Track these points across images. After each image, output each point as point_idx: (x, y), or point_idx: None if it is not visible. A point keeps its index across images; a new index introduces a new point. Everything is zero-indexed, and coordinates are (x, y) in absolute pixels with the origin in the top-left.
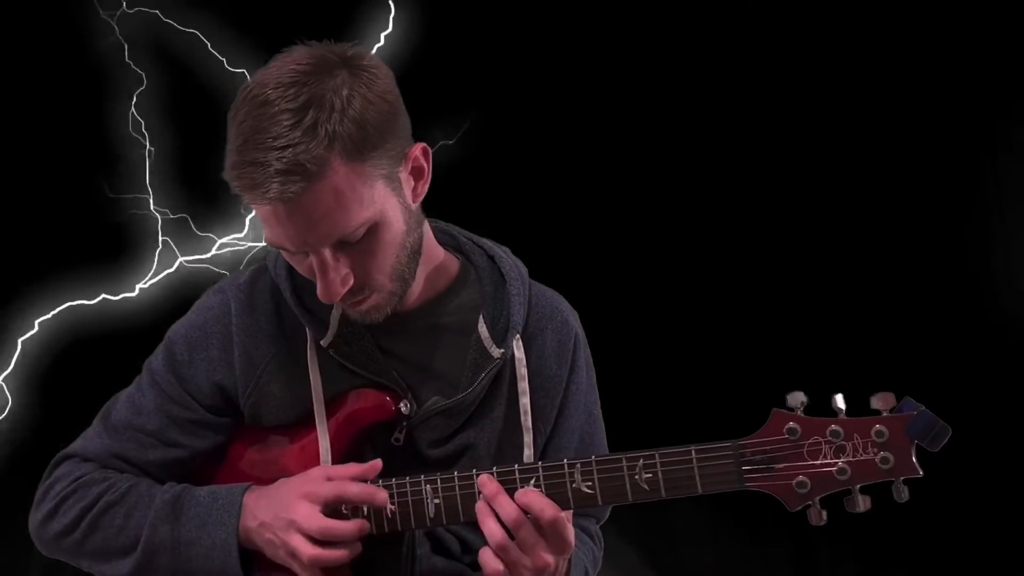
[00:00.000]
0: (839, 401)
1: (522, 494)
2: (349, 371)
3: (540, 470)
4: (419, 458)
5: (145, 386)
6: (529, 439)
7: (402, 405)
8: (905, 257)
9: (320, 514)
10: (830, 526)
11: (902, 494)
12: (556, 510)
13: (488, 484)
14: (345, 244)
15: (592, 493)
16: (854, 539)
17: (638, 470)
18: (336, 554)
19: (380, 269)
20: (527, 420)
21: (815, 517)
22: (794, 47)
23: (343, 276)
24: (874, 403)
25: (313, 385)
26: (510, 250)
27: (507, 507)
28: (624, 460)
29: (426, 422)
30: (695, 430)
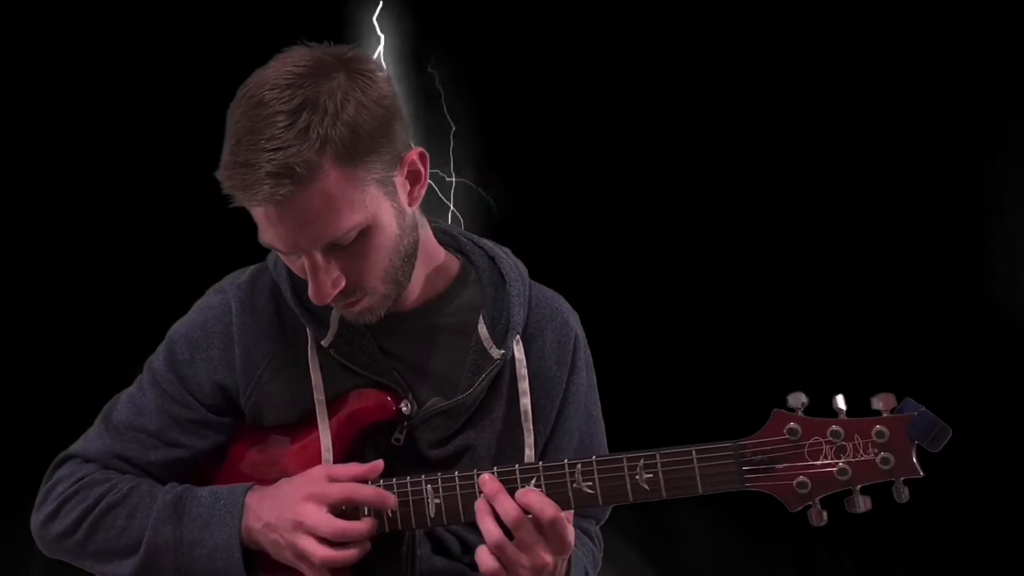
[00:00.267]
0: (840, 402)
1: (522, 494)
2: (350, 371)
3: (541, 470)
4: (419, 458)
5: (146, 386)
6: (530, 440)
7: (403, 405)
8: (905, 257)
9: (330, 515)
10: (830, 526)
11: (902, 495)
12: (556, 510)
13: (489, 483)
14: (336, 247)
15: (593, 493)
16: (854, 538)
17: (639, 470)
18: (348, 554)
19: (372, 272)
20: (527, 421)
21: (815, 517)
22: (794, 47)
23: (334, 278)
24: (875, 404)
25: (314, 385)
26: (510, 251)
27: (508, 506)
28: (625, 460)
29: (426, 422)
30: (695, 430)
